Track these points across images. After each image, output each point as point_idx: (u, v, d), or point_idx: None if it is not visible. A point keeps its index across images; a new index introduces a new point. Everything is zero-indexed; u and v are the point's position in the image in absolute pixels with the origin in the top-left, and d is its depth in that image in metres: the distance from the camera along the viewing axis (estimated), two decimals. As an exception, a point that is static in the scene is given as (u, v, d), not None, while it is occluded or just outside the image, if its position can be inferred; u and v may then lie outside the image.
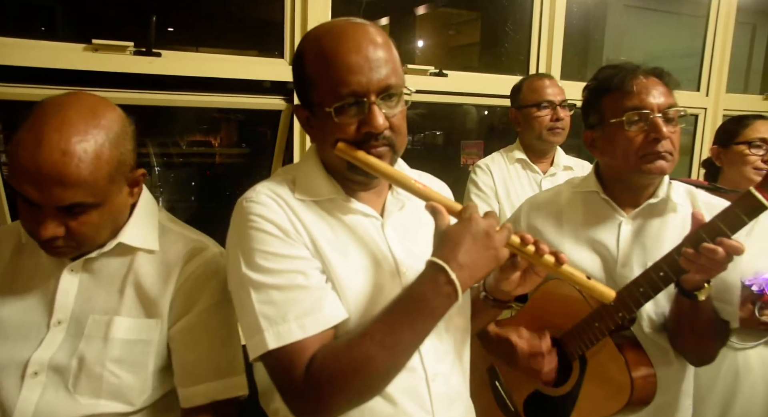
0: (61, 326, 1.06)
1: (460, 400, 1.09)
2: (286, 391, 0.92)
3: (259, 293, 0.92)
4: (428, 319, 0.90)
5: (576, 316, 1.30)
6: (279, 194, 1.01)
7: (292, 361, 0.90)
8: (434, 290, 0.89)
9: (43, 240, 0.98)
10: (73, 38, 1.81)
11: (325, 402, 0.89)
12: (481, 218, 0.94)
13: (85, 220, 1.00)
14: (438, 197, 0.99)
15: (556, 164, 2.30)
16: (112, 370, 1.05)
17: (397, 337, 0.88)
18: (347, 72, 0.94)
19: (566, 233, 1.40)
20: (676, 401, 1.38)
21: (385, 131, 0.97)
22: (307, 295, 0.93)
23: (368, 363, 0.87)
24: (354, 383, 0.88)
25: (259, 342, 0.91)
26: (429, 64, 2.49)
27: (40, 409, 1.02)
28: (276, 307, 0.91)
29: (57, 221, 0.98)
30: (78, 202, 0.97)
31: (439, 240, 0.94)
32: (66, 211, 0.98)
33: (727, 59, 3.33)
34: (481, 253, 0.92)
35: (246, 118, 3.45)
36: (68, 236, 1.00)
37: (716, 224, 1.10)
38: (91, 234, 1.03)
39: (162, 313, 1.09)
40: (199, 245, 1.15)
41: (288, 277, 0.93)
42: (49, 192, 0.94)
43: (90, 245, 1.06)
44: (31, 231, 1.01)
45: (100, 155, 0.98)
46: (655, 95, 1.27)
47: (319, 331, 0.92)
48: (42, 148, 0.93)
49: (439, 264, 0.90)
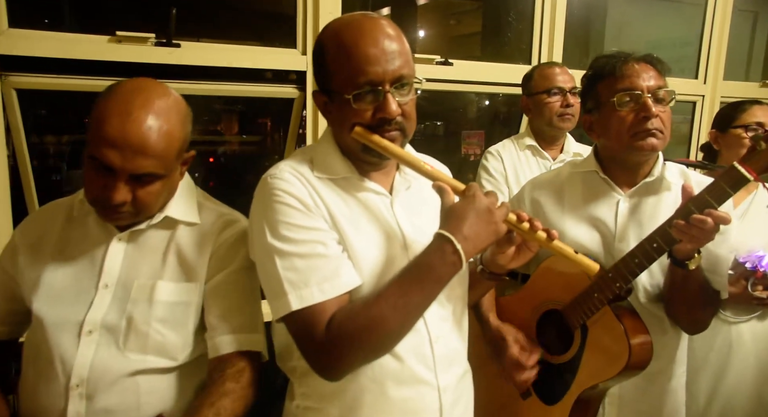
0: (108, 289, 1.18)
1: (459, 362, 1.20)
2: (308, 348, 1.03)
3: (283, 260, 1.03)
4: (435, 284, 1.01)
5: (576, 289, 1.39)
6: (300, 172, 1.11)
7: (313, 321, 1.00)
8: (441, 259, 1.00)
9: (113, 204, 1.10)
10: (94, 31, 1.90)
11: (342, 357, 0.99)
12: (483, 196, 1.06)
13: (150, 189, 1.13)
14: (443, 177, 1.11)
15: (566, 151, 2.35)
16: (157, 328, 1.16)
17: (408, 300, 0.99)
18: (365, 63, 1.04)
19: (567, 211, 1.49)
20: (670, 368, 1.48)
21: (398, 117, 1.07)
22: (326, 263, 1.03)
23: (382, 322, 0.98)
24: (369, 340, 0.99)
25: (284, 304, 1.02)
26: (431, 53, 2.56)
27: (96, 364, 1.13)
28: (298, 273, 1.02)
29: (128, 188, 1.10)
30: (151, 171, 1.11)
31: (446, 215, 1.04)
32: (137, 179, 1.11)
33: (725, 47, 3.38)
34: (483, 227, 1.03)
35: (247, 109, 3.51)
36: (133, 203, 1.12)
37: (704, 197, 1.18)
38: (151, 203, 1.15)
39: (200, 277, 1.20)
40: (232, 218, 1.27)
41: (309, 247, 1.03)
42: (131, 159, 1.08)
43: (147, 213, 1.18)
44: (101, 197, 1.11)
45: (173, 133, 1.12)
46: (645, 78, 1.35)
47: (337, 295, 1.02)
48: (131, 121, 1.07)
49: (446, 236, 1.00)
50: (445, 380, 1.14)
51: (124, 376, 1.14)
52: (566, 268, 1.44)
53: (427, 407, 1.13)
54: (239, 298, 1.22)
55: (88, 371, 1.12)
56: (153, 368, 1.16)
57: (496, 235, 1.06)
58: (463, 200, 1.05)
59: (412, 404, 1.11)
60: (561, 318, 1.44)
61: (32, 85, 1.85)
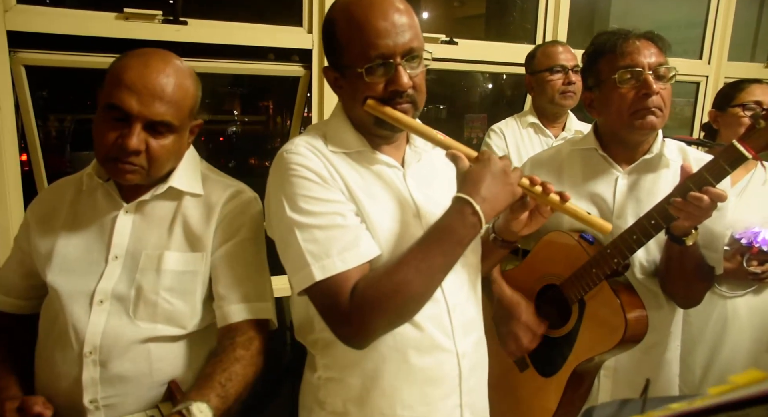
0: (117, 261, 1.21)
1: (474, 329, 1.23)
2: (333, 317, 1.05)
3: (303, 233, 1.05)
4: (456, 246, 1.04)
5: (574, 264, 1.42)
6: (315, 146, 1.13)
7: (337, 290, 1.02)
8: (461, 221, 1.03)
9: (129, 150, 1.13)
10: (101, 7, 1.90)
11: (368, 324, 1.01)
12: (498, 159, 1.08)
13: (163, 142, 1.17)
14: (457, 145, 1.13)
15: (567, 129, 2.38)
16: (166, 297, 1.20)
17: (431, 263, 1.02)
18: (376, 36, 1.06)
19: (566, 188, 1.50)
20: (666, 341, 1.51)
21: (409, 90, 1.10)
22: (345, 233, 1.05)
23: (406, 286, 1.00)
24: (394, 305, 1.01)
25: (307, 275, 1.04)
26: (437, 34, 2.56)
27: (107, 332, 1.17)
28: (319, 245, 1.04)
29: (142, 136, 1.14)
30: (167, 120, 1.15)
31: (463, 179, 1.07)
32: (153, 128, 1.15)
33: (730, 28, 3.36)
34: (500, 188, 1.06)
35: (250, 91, 3.53)
36: (146, 155, 1.16)
37: (702, 175, 1.21)
38: (162, 159, 1.18)
39: (206, 246, 1.23)
40: (237, 189, 1.30)
41: (329, 218, 1.06)
42: (150, 104, 1.12)
43: (156, 172, 1.20)
44: (115, 146, 1.14)
45: (188, 88, 1.18)
46: (645, 55, 1.36)
47: (358, 263, 1.04)
48: (150, 69, 1.14)
49: (465, 198, 1.03)
50: (464, 347, 1.18)
51: (135, 343, 1.17)
52: (566, 242, 1.47)
53: (447, 374, 1.16)
54: (246, 267, 1.25)
55: (101, 339, 1.16)
56: (163, 336, 1.20)
57: (513, 197, 1.09)
58: (479, 164, 1.07)
59: (432, 372, 1.14)
60: (559, 292, 1.47)
61: (41, 61, 1.87)
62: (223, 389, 1.12)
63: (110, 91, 1.13)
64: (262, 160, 4.33)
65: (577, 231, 1.48)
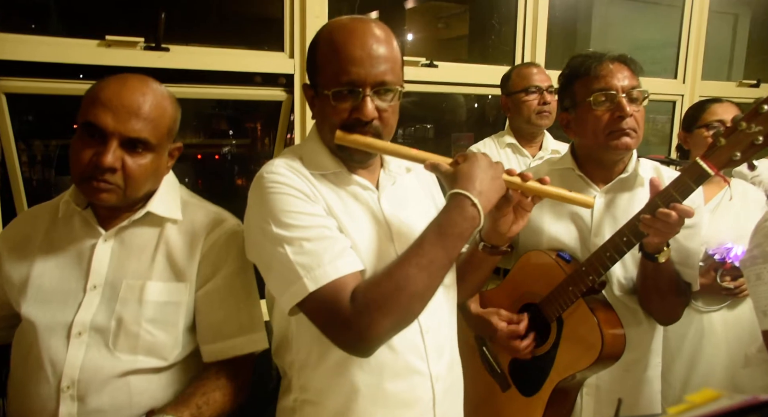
0: (96, 290, 1.18)
1: (448, 352, 1.23)
2: (334, 325, 1.02)
3: (292, 246, 1.03)
4: (457, 240, 1.04)
5: (552, 282, 1.44)
6: (294, 167, 1.14)
7: (336, 296, 1.00)
8: (461, 214, 1.04)
9: (104, 167, 1.11)
10: (83, 35, 1.92)
11: (372, 326, 0.98)
12: (482, 155, 1.11)
13: (139, 161, 1.15)
14: (432, 156, 1.15)
15: (544, 148, 2.43)
16: (148, 329, 1.17)
17: (432, 258, 1.01)
18: (349, 63, 1.07)
19: (545, 207, 1.54)
20: (646, 358, 1.53)
21: (374, 121, 1.10)
22: (334, 243, 1.05)
23: (408, 283, 0.99)
24: (398, 304, 0.99)
25: (299, 288, 1.01)
26: (420, 56, 2.60)
27: (86, 366, 1.14)
28: (309, 256, 1.02)
29: (118, 153, 1.12)
30: (144, 137, 1.14)
31: (453, 178, 1.08)
32: (129, 146, 1.13)
33: (702, 47, 3.46)
34: (491, 182, 1.08)
35: (236, 113, 3.54)
36: (122, 174, 1.14)
37: (669, 191, 1.23)
38: (139, 179, 1.16)
39: (190, 277, 1.21)
40: (219, 216, 1.28)
41: (316, 231, 1.05)
42: (126, 120, 1.11)
43: (133, 192, 1.17)
44: (91, 164, 1.12)
45: (166, 108, 1.19)
46: (619, 78, 1.40)
47: (351, 271, 1.03)
48: (126, 87, 1.14)
49: (462, 193, 1.05)
50: (437, 369, 1.17)
51: (115, 376, 1.14)
52: (544, 262, 1.49)
53: (420, 398, 1.16)
54: (236, 299, 1.24)
55: (79, 373, 1.13)
56: (144, 368, 1.17)
57: (502, 190, 1.11)
58: (467, 162, 1.09)
59: (405, 396, 1.14)
60: (539, 311, 1.48)
61: (22, 89, 1.88)
62: (198, 411, 1.11)
63: (86, 110, 1.12)
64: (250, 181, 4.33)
65: (555, 250, 1.50)
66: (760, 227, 1.29)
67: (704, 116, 1.95)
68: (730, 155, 1.18)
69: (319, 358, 1.13)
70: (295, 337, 1.16)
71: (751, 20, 4.54)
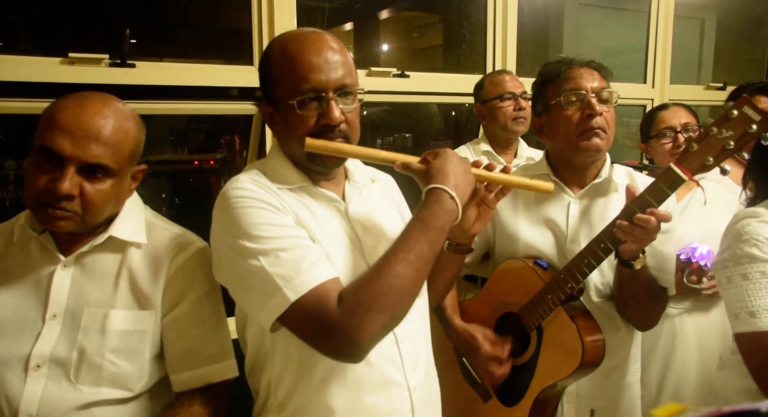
0: (56, 320, 1.12)
1: (424, 361, 1.22)
2: (321, 333, 0.99)
3: (268, 258, 1.00)
4: (439, 233, 1.05)
5: (530, 291, 1.43)
6: (259, 181, 1.11)
7: (320, 303, 0.98)
8: (442, 208, 1.05)
9: (60, 195, 1.05)
10: (47, 53, 1.88)
11: (363, 328, 0.95)
12: (451, 151, 1.13)
13: (99, 187, 1.09)
14: (402, 156, 1.15)
15: (519, 155, 2.44)
16: (111, 359, 1.12)
17: (419, 253, 1.01)
18: (309, 71, 1.07)
19: (521, 213, 1.54)
20: (625, 364, 1.52)
21: (342, 125, 1.10)
22: (310, 252, 1.03)
23: (396, 280, 0.98)
24: (389, 302, 0.97)
25: (280, 299, 0.98)
26: (395, 66, 2.60)
27: (45, 400, 1.08)
28: (287, 265, 1.00)
29: (76, 180, 1.07)
30: (104, 163, 1.08)
31: (427, 175, 1.09)
32: (87, 172, 1.08)
33: (669, 52, 3.52)
34: (463, 175, 1.11)
35: (214, 127, 3.50)
36: (80, 200, 1.08)
37: (645, 197, 1.24)
38: (99, 205, 1.10)
39: (155, 304, 1.16)
40: (185, 239, 1.23)
41: (290, 240, 1.03)
42: (84, 145, 1.06)
43: (92, 219, 1.12)
44: (46, 191, 1.06)
45: (128, 131, 1.12)
46: (588, 80, 1.42)
47: (330, 278, 1.02)
48: (86, 110, 1.08)
49: (440, 187, 1.06)
50: (414, 379, 1.16)
51: (76, 409, 1.09)
52: (522, 270, 1.48)
53: (399, 409, 1.14)
54: (203, 328, 1.19)
55: (37, 408, 1.07)
56: (108, 400, 1.11)
57: (472, 183, 1.13)
58: (439, 158, 1.11)
59: (384, 408, 1.12)
60: (518, 320, 1.47)
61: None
62: None
63: (43, 133, 1.07)
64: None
65: (532, 258, 1.49)
66: (729, 230, 1.29)
67: (655, 126, 2.00)
68: (703, 160, 1.19)
69: (297, 376, 1.10)
70: (270, 355, 1.13)
71: (717, 25, 4.64)
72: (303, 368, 1.09)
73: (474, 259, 1.60)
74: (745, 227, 1.24)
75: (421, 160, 1.13)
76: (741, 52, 4.55)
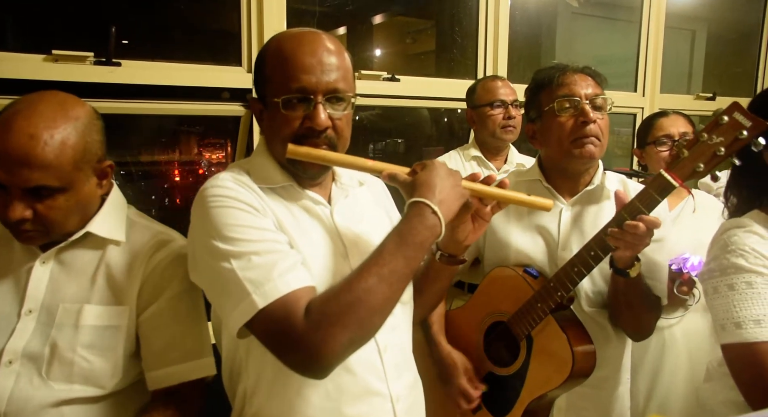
0: (31, 315, 1.11)
1: (408, 370, 1.19)
2: (284, 344, 0.94)
3: (239, 261, 0.96)
4: (418, 249, 0.99)
5: (520, 299, 1.40)
6: (240, 180, 1.07)
7: (287, 312, 0.93)
8: (422, 223, 1.00)
9: (11, 222, 1.04)
10: (30, 49, 1.84)
11: (329, 342, 0.90)
12: (440, 163, 1.07)
13: (51, 204, 1.06)
14: (389, 166, 1.11)
15: (509, 161, 2.42)
16: (83, 355, 1.10)
17: (393, 268, 0.96)
18: (299, 70, 1.04)
19: (512, 220, 1.51)
20: (616, 375, 1.50)
21: (328, 131, 1.06)
22: (285, 257, 0.99)
23: (368, 295, 0.93)
24: (357, 318, 0.92)
25: (248, 305, 0.94)
26: (389, 71, 2.58)
27: (15, 396, 1.06)
28: (258, 270, 0.95)
29: (24, 204, 1.04)
30: (44, 184, 1.03)
31: (412, 187, 1.05)
32: (33, 193, 1.04)
33: (659, 61, 3.54)
34: (450, 190, 1.05)
35: (205, 129, 3.47)
36: (36, 220, 1.06)
37: (635, 204, 1.22)
38: (58, 219, 1.08)
39: (130, 300, 1.14)
40: (166, 237, 1.21)
41: (265, 244, 0.99)
42: (17, 172, 1.01)
43: (59, 231, 1.11)
44: (3, 215, 1.05)
45: (65, 141, 1.04)
46: (582, 86, 1.40)
47: (302, 286, 0.97)
48: (11, 133, 1.01)
49: (422, 201, 1.01)
50: (397, 390, 1.13)
51: (47, 407, 1.07)
52: (511, 279, 1.45)
53: None
54: (180, 325, 1.17)
55: (6, 405, 1.05)
56: (79, 398, 1.10)
57: (462, 197, 1.08)
58: (426, 170, 1.06)
59: None
60: (507, 329, 1.44)
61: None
62: None
63: None
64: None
65: (521, 266, 1.46)
66: (716, 240, 1.28)
67: (653, 132, 1.98)
68: (694, 167, 1.17)
69: (272, 385, 1.06)
70: (245, 363, 1.09)
71: (708, 36, 4.68)
72: (278, 377, 1.05)
73: (463, 266, 1.57)
74: (731, 237, 1.22)
75: (410, 171, 1.09)
76: (731, 64, 4.59)
